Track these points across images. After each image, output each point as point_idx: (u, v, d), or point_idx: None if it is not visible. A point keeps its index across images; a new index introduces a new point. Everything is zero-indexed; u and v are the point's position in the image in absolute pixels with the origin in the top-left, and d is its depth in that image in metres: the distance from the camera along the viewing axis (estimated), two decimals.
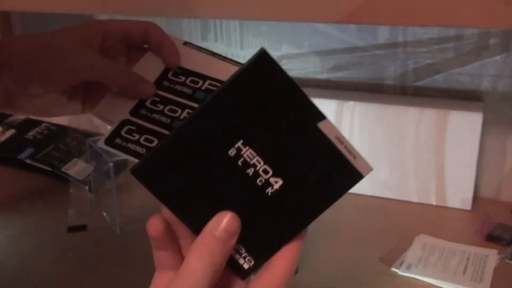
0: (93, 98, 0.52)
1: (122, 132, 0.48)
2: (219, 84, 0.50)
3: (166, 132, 0.47)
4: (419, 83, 0.89)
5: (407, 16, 0.55)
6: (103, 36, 0.50)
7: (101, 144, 0.47)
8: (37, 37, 0.48)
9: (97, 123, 1.18)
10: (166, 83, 0.51)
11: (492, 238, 0.75)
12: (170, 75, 0.51)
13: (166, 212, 0.38)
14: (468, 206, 0.84)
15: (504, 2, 0.49)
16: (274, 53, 0.98)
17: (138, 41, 0.52)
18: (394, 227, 0.80)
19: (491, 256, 0.71)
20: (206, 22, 1.02)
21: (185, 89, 0.50)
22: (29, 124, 1.11)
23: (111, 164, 0.77)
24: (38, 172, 0.99)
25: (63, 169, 0.95)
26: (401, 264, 0.70)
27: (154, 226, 0.38)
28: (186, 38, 1.14)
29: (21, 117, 1.15)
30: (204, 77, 0.51)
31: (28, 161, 1.00)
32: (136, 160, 0.45)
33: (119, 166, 0.83)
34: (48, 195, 0.94)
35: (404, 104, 0.84)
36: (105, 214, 0.85)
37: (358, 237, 0.77)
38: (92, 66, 0.48)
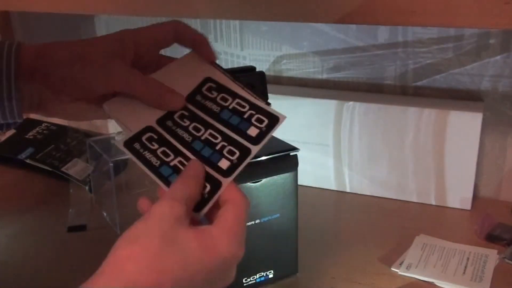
0: None
1: (143, 138, 0.49)
2: (245, 104, 0.51)
3: (184, 151, 0.48)
4: (419, 83, 0.89)
5: (407, 16, 0.55)
6: (134, 46, 0.51)
7: (119, 144, 0.48)
8: (72, 46, 0.50)
9: (97, 123, 1.18)
10: (198, 98, 0.51)
11: (492, 238, 0.75)
12: (204, 89, 0.52)
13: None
14: (468, 206, 0.84)
15: (504, 2, 0.49)
16: (274, 53, 0.98)
17: (169, 43, 0.53)
18: (394, 227, 0.80)
19: (491, 256, 0.71)
20: (206, 22, 1.02)
21: (214, 107, 0.50)
22: (29, 124, 1.11)
23: (111, 164, 0.77)
24: (38, 172, 0.99)
25: (63, 169, 0.95)
26: (401, 264, 0.70)
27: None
28: None
29: None
30: (235, 95, 0.51)
31: (28, 161, 1.00)
32: (146, 170, 0.47)
33: (119, 166, 0.83)
34: (48, 195, 0.94)
35: (404, 104, 0.84)
36: (105, 214, 0.85)
37: (358, 237, 0.77)
38: (121, 79, 0.49)
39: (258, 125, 0.49)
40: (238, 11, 0.65)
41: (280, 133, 0.67)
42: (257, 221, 0.62)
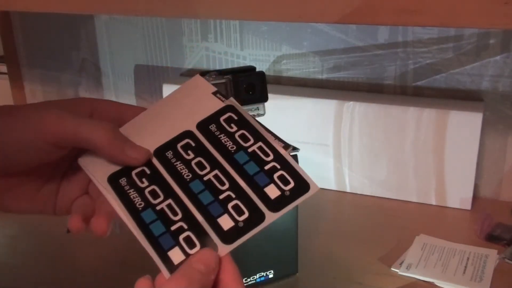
0: (70, 192, 0.42)
1: (133, 172, 0.40)
2: (270, 152, 0.39)
3: (178, 192, 0.38)
4: (419, 83, 0.89)
5: (407, 16, 0.55)
6: (91, 112, 0.42)
7: (100, 179, 0.39)
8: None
9: None
10: (212, 127, 0.41)
11: (492, 238, 0.75)
12: (222, 119, 0.41)
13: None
14: (468, 206, 0.84)
15: (504, 2, 0.49)
16: (274, 53, 0.98)
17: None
18: (394, 227, 0.80)
19: (491, 256, 0.71)
20: (206, 22, 1.02)
21: (229, 144, 0.40)
22: None
23: None
24: None
25: None
26: (401, 264, 0.70)
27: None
28: (186, 38, 1.15)
29: None
30: (258, 137, 0.40)
31: None
32: (125, 215, 0.39)
33: None
34: None
35: (404, 104, 0.84)
36: None
37: (358, 237, 0.77)
38: (67, 126, 0.37)
39: (281, 185, 0.38)
40: (238, 11, 0.65)
41: (280, 133, 0.67)
42: None
